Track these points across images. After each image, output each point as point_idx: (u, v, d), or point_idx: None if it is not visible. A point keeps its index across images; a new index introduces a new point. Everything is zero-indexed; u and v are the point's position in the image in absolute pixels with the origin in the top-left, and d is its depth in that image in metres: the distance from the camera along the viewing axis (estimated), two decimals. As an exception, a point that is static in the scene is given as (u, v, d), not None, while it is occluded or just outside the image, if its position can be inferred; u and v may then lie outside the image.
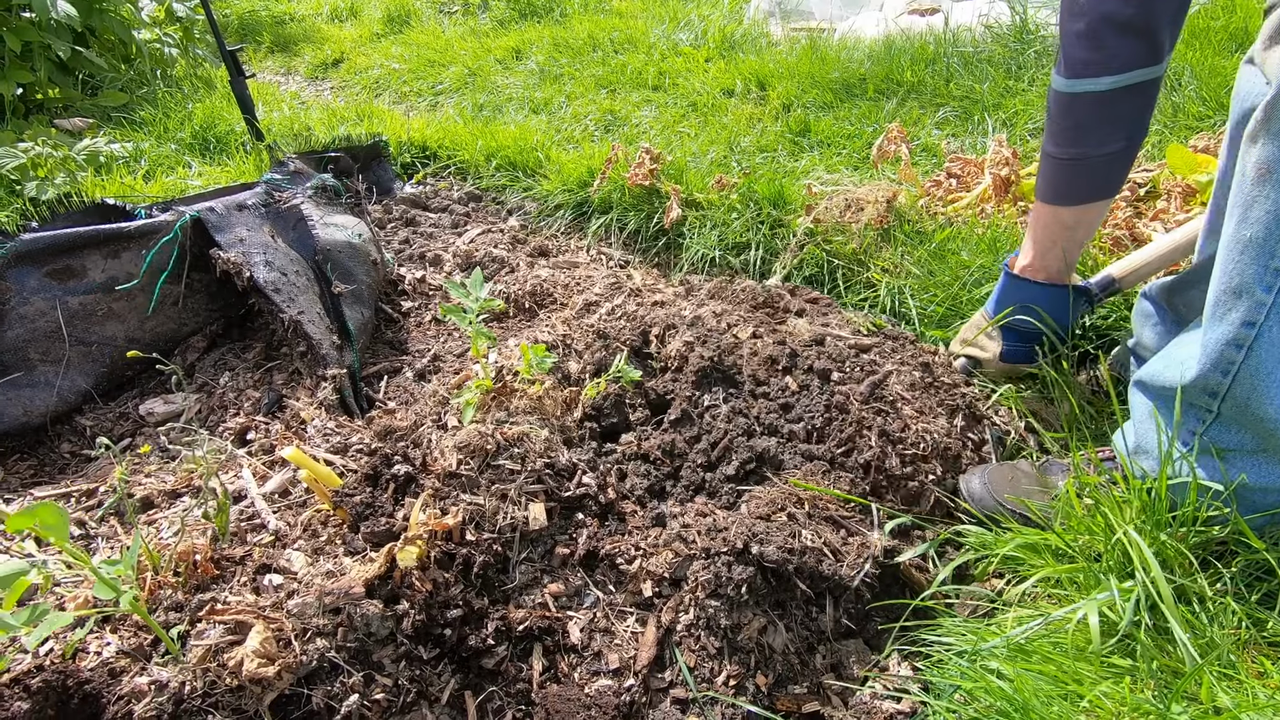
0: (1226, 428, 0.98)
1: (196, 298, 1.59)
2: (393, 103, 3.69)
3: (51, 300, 1.43)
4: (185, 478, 1.28)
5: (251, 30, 4.99)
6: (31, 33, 2.84)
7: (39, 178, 2.36)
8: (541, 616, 1.06)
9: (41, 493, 1.32)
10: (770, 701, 1.00)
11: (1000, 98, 2.60)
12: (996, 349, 1.45)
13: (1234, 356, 0.92)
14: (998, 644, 0.92)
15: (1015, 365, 1.45)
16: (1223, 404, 0.96)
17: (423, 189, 2.60)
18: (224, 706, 0.89)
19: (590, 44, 3.78)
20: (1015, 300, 1.39)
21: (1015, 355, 1.44)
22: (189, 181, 2.57)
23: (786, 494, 1.19)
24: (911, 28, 3.32)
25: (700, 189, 2.27)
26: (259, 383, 1.50)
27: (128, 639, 0.99)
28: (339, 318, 1.56)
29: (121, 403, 1.52)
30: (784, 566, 1.04)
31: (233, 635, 0.93)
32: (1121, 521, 0.94)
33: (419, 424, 1.30)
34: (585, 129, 2.93)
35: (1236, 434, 0.97)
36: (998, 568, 1.12)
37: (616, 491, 1.22)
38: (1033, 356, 1.43)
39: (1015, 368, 1.46)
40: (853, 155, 2.45)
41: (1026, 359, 1.44)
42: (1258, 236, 0.88)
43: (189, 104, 3.21)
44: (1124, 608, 0.84)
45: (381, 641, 0.97)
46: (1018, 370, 1.48)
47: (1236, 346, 0.92)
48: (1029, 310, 1.38)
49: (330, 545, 1.12)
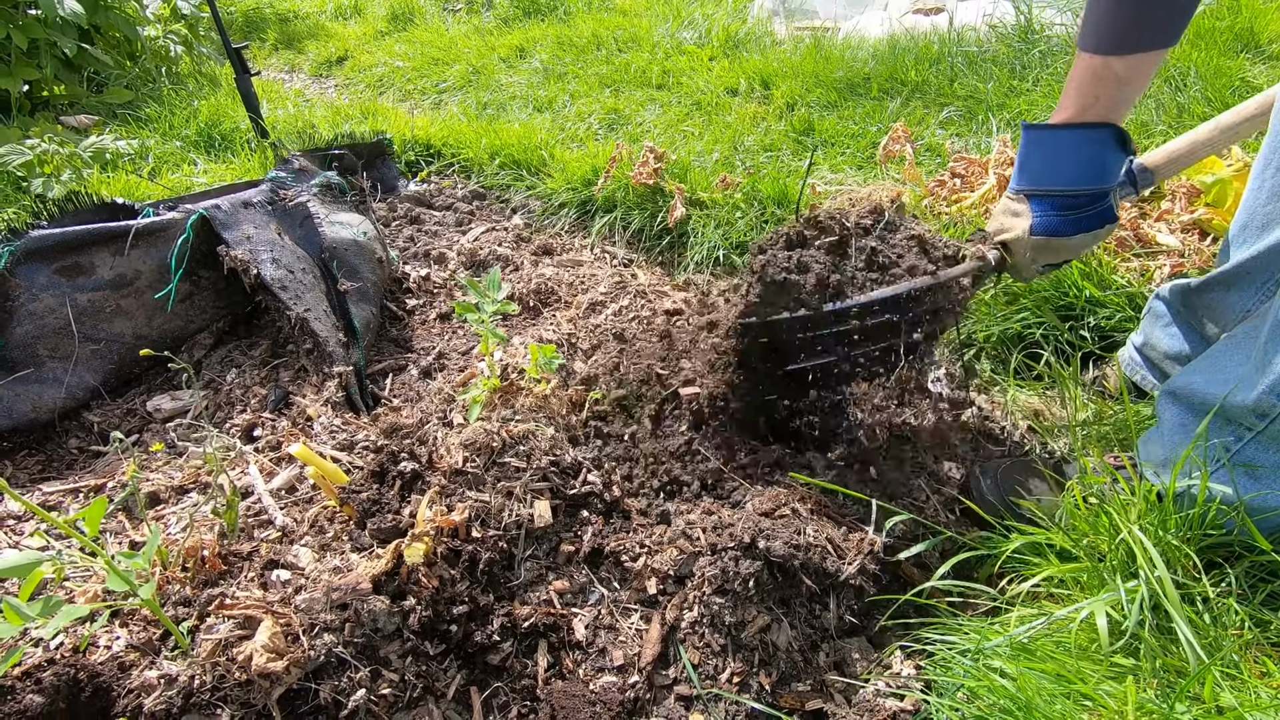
0: (1265, 447, 0.97)
1: (204, 295, 1.60)
2: (397, 101, 3.69)
3: (61, 297, 1.43)
4: (193, 474, 1.29)
5: (256, 27, 5.00)
6: (38, 29, 2.85)
7: (45, 174, 2.37)
8: (547, 613, 1.07)
9: (50, 488, 1.33)
10: (774, 699, 1.00)
11: (1005, 97, 2.60)
12: (1025, 223, 1.17)
13: None
14: (1001, 642, 0.93)
15: (1050, 239, 1.16)
16: (1272, 424, 0.95)
17: (427, 187, 2.60)
18: (232, 700, 0.90)
19: (594, 42, 3.78)
20: (1043, 157, 1.14)
21: (1049, 226, 1.15)
22: (194, 179, 2.58)
23: (789, 491, 1.19)
24: (916, 27, 3.32)
25: (704, 188, 2.28)
26: (265, 380, 1.51)
27: (137, 633, 0.99)
28: (345, 315, 1.56)
29: (129, 399, 1.52)
30: (790, 561, 1.04)
31: (241, 630, 0.94)
32: (1127, 522, 0.94)
33: (425, 421, 1.31)
34: (589, 128, 2.93)
35: (1275, 453, 0.97)
36: (1000, 567, 1.13)
37: (621, 489, 1.22)
38: (1074, 226, 1.14)
39: (1050, 246, 1.17)
40: (857, 155, 2.45)
41: (1065, 228, 1.15)
42: None
43: (194, 101, 3.22)
44: (1129, 607, 0.85)
45: (388, 637, 0.98)
46: (1054, 251, 1.18)
47: None
48: (1062, 162, 1.12)
49: (337, 541, 1.13)
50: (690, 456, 1.28)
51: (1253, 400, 0.96)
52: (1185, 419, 1.09)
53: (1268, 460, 0.97)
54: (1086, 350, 1.56)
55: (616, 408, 1.37)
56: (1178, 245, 1.69)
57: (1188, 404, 1.08)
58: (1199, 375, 1.08)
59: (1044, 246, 1.18)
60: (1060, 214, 1.15)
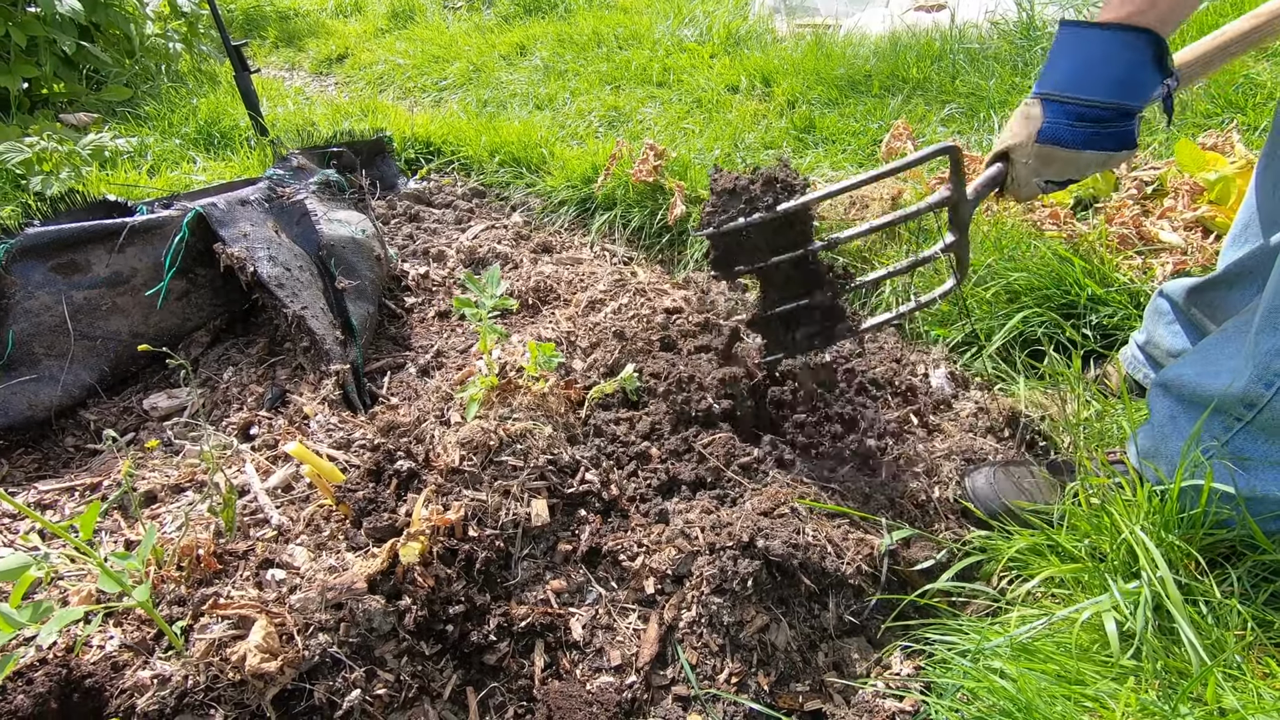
0: (1254, 438, 0.96)
1: (200, 293, 1.59)
2: (397, 98, 3.68)
3: (56, 294, 1.43)
4: (188, 472, 1.29)
5: (256, 25, 4.99)
6: (37, 27, 2.84)
7: (44, 172, 2.36)
8: (544, 613, 1.06)
9: (46, 487, 1.32)
10: (772, 699, 1.00)
11: (1006, 94, 2.58)
12: (1034, 127, 1.05)
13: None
14: (1001, 643, 0.92)
15: (1055, 148, 1.04)
16: (1260, 414, 0.94)
17: (426, 185, 2.59)
18: (226, 701, 0.90)
19: (595, 40, 3.77)
20: (1072, 59, 1.02)
21: (1057, 134, 1.04)
22: (193, 176, 2.57)
23: (788, 490, 1.19)
24: (917, 24, 3.30)
25: (705, 185, 2.26)
26: (262, 378, 1.50)
27: (130, 633, 0.99)
28: (342, 313, 1.56)
29: (125, 397, 1.52)
30: (789, 561, 1.04)
31: (236, 630, 0.93)
32: (1128, 522, 0.93)
33: (422, 420, 1.30)
34: (589, 125, 2.92)
35: (1264, 445, 0.96)
36: (1000, 569, 1.12)
37: (619, 488, 1.21)
38: (1086, 140, 1.03)
39: (1055, 157, 1.05)
40: (858, 152, 2.44)
41: (1075, 140, 1.03)
42: None
43: (193, 99, 3.21)
44: (1132, 609, 0.84)
45: (384, 637, 0.97)
46: (1060, 165, 1.05)
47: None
48: (1092, 68, 1.00)
49: (333, 540, 1.13)
50: (689, 454, 1.27)
51: (1241, 389, 0.94)
52: (1175, 411, 1.07)
53: (1256, 452, 0.96)
54: (1089, 349, 1.54)
55: (616, 406, 1.36)
56: (1180, 243, 1.68)
57: (1178, 396, 1.07)
58: (1190, 368, 1.07)
59: (1048, 157, 1.06)
60: (1074, 124, 1.04)
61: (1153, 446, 1.08)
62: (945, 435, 1.45)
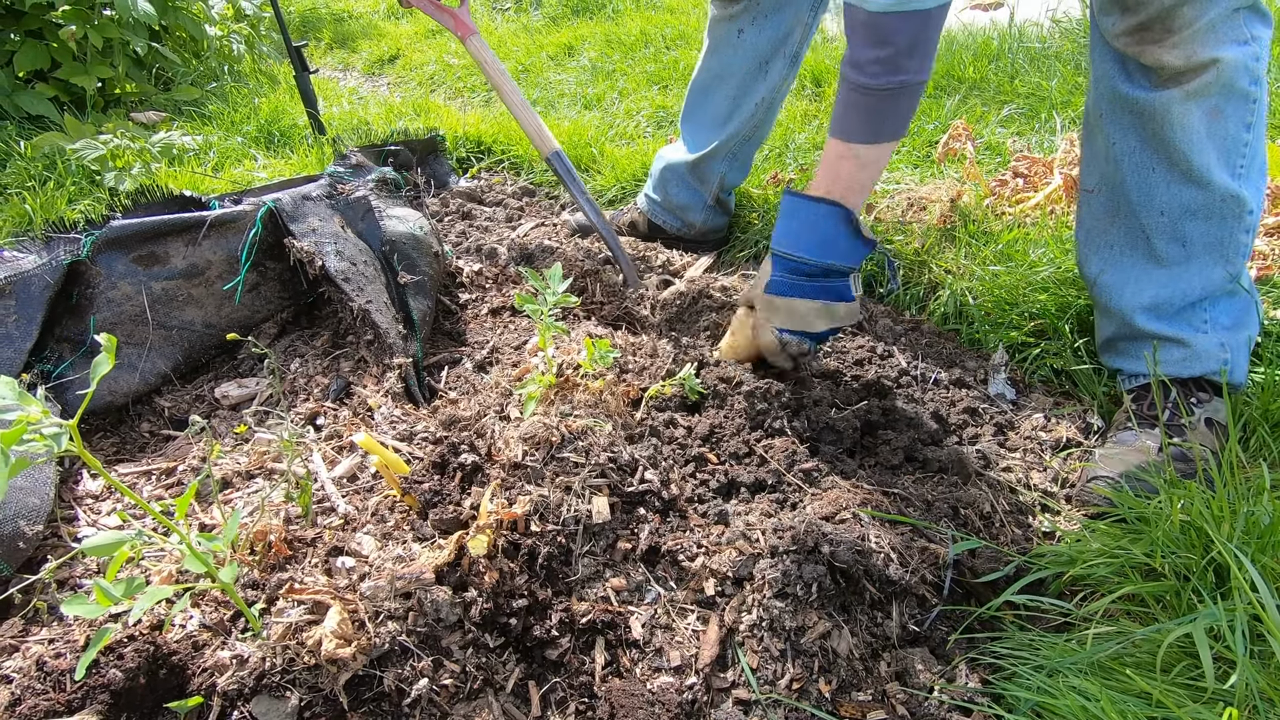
0: None
1: (269, 285, 1.64)
2: (448, 98, 3.74)
3: (137, 285, 1.49)
4: (259, 459, 1.33)
5: (312, 27, 5.12)
6: (112, 29, 2.97)
7: (117, 168, 2.46)
8: (604, 610, 1.07)
9: (125, 470, 1.38)
10: (834, 707, 0.98)
11: (1069, 95, 2.51)
12: (764, 279, 1.33)
13: None
14: (1079, 659, 0.89)
15: (776, 298, 1.30)
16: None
17: (478, 183, 2.63)
18: (301, 684, 0.92)
19: (642, 40, 3.78)
20: (787, 222, 1.29)
21: (778, 286, 1.30)
22: (255, 173, 2.65)
23: (850, 495, 1.17)
24: (974, 23, 3.23)
25: (755, 184, 2.25)
26: (327, 370, 1.54)
27: (209, 613, 1.02)
28: (404, 308, 1.59)
29: (197, 385, 1.57)
30: (854, 568, 1.02)
31: (311, 615, 0.96)
32: (1219, 536, 0.90)
33: (482, 414, 1.32)
34: (638, 125, 2.92)
35: None
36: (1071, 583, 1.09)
37: (679, 488, 1.21)
38: (799, 292, 1.28)
39: (777, 307, 1.30)
40: (912, 153, 2.39)
41: (791, 292, 1.29)
42: None
43: (255, 99, 3.31)
44: (1228, 632, 0.81)
45: (450, 628, 0.99)
46: (785, 314, 1.30)
47: None
48: (801, 230, 1.27)
49: (399, 530, 1.15)
50: (749, 457, 1.27)
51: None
52: None
53: None
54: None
55: (673, 407, 1.36)
56: (1265, 249, 1.61)
57: None
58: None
59: (772, 306, 1.32)
60: (790, 277, 1.30)
61: None
62: (1009, 443, 1.42)
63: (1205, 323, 1.30)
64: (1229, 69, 1.16)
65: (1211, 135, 1.20)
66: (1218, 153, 1.21)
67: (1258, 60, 1.18)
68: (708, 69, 1.88)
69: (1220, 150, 1.21)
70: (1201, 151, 1.21)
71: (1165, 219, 1.26)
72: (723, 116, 1.88)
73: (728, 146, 1.92)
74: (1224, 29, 1.15)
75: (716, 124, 1.90)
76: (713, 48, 1.85)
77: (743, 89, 1.84)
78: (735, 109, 1.86)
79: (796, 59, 1.83)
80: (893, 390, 1.45)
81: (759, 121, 1.91)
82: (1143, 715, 0.81)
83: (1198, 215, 1.25)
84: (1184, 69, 1.16)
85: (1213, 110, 1.19)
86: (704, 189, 1.99)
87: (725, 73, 1.83)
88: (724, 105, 1.87)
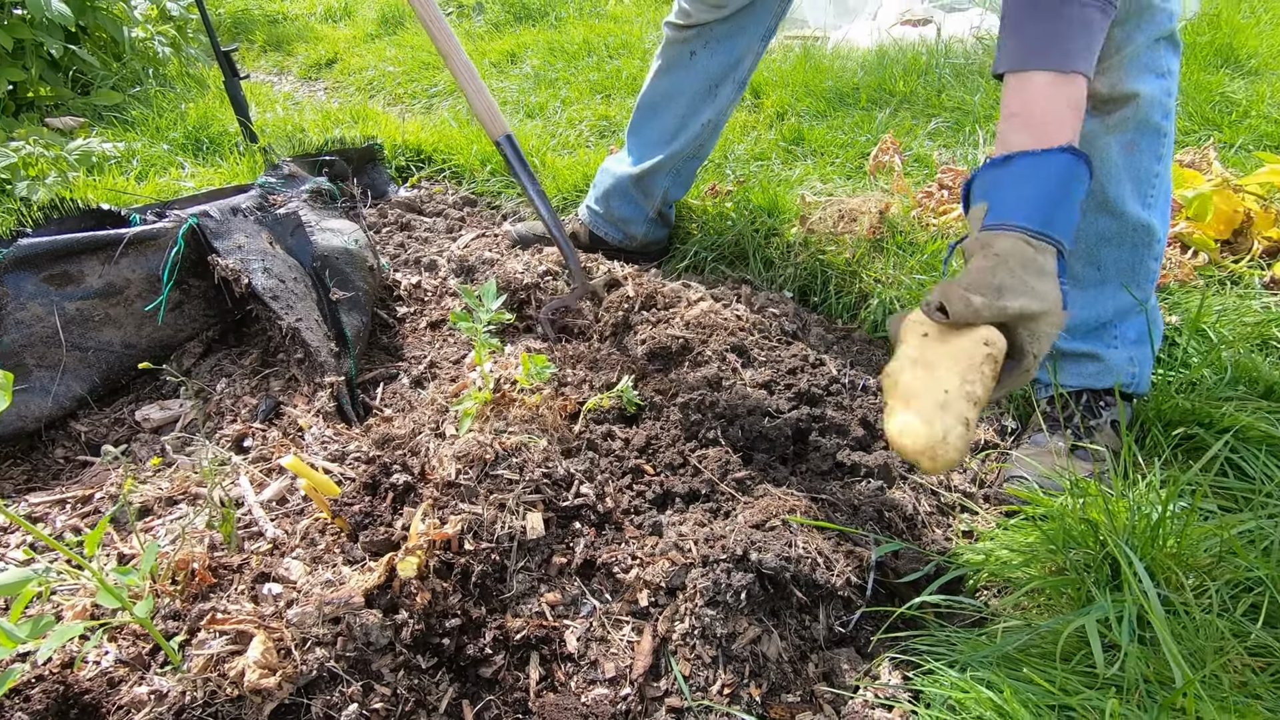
0: None
1: (193, 303, 1.59)
2: (387, 105, 3.68)
3: (49, 305, 1.42)
4: (182, 485, 1.28)
5: (245, 29, 4.96)
6: (24, 30, 2.82)
7: (30, 178, 2.34)
8: (539, 625, 1.07)
9: (36, 499, 1.32)
10: (764, 710, 1.01)
11: (991, 109, 2.63)
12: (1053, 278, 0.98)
13: None
14: (988, 654, 0.95)
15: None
16: None
17: (417, 193, 2.60)
18: (224, 716, 0.90)
19: (585, 49, 3.79)
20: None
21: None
22: (182, 183, 2.56)
23: (779, 503, 1.21)
24: (904, 38, 3.35)
25: (694, 196, 2.29)
26: (256, 389, 1.50)
27: (126, 648, 0.99)
28: (336, 324, 1.56)
29: (116, 408, 1.51)
30: (782, 574, 1.06)
31: (233, 645, 0.93)
32: (1113, 535, 0.96)
33: (417, 432, 1.31)
34: (580, 134, 2.94)
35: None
36: (986, 580, 1.15)
37: (614, 501, 1.23)
38: None
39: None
40: (846, 165, 2.47)
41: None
42: None
43: (182, 104, 3.19)
44: (1117, 625, 0.87)
45: (380, 651, 0.98)
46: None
47: None
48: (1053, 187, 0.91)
49: (329, 554, 1.13)
50: (684, 468, 1.29)
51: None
52: None
53: None
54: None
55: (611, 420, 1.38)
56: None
57: None
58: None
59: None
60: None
61: None
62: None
63: (1115, 339, 1.38)
64: (1146, 104, 1.22)
65: (1127, 168, 1.27)
66: (1132, 184, 1.28)
67: (1169, 95, 1.25)
68: (658, 88, 1.92)
69: (1134, 182, 1.28)
70: (1118, 183, 1.27)
71: (1082, 245, 1.33)
72: (669, 134, 1.92)
73: (672, 163, 1.95)
74: (1147, 58, 1.20)
75: (663, 141, 1.94)
76: (664, 68, 1.89)
77: (691, 109, 1.88)
78: (682, 127, 1.91)
79: (744, 84, 1.89)
80: (824, 398, 1.50)
81: (704, 140, 1.95)
82: (1043, 704, 0.86)
83: (1111, 243, 1.32)
84: (1107, 97, 1.22)
85: (1129, 144, 1.25)
86: (646, 203, 2.01)
87: (675, 92, 1.88)
88: (671, 123, 1.91)
